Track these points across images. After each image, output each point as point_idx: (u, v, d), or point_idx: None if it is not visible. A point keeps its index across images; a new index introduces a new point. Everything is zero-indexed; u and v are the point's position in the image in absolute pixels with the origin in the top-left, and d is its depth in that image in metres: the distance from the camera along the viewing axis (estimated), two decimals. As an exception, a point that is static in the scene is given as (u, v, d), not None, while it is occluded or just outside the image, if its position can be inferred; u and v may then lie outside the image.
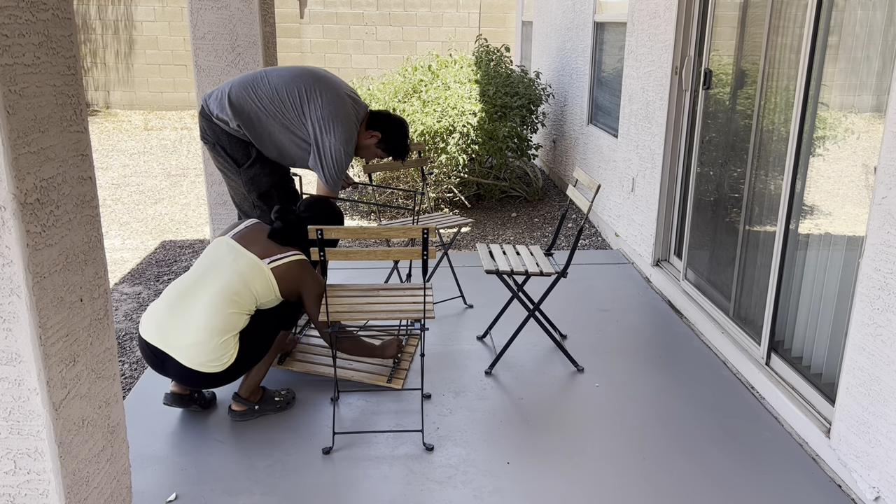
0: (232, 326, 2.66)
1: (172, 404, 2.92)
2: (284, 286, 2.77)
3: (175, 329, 2.64)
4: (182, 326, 2.64)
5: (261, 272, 2.72)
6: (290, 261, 2.79)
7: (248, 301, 2.70)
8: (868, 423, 2.40)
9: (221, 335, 2.64)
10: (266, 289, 2.73)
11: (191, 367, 2.63)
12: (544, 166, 8.28)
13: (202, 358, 2.63)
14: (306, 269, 2.83)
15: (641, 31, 4.69)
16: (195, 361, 2.62)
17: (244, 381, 2.92)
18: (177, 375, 2.67)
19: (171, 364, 2.66)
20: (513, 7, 12.61)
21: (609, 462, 2.67)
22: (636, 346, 3.63)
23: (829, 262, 2.79)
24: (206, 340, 2.61)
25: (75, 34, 1.77)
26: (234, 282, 2.68)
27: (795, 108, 2.93)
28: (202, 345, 2.61)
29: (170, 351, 2.64)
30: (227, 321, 2.64)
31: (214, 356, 2.64)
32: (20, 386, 1.65)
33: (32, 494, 1.75)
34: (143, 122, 11.61)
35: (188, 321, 2.63)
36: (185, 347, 2.62)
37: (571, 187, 3.58)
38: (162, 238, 5.74)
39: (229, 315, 2.65)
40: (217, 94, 3.21)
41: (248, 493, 2.49)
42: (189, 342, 2.62)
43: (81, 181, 1.81)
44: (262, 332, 2.77)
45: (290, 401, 3.02)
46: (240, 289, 2.68)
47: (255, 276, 2.71)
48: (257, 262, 2.73)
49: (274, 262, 2.76)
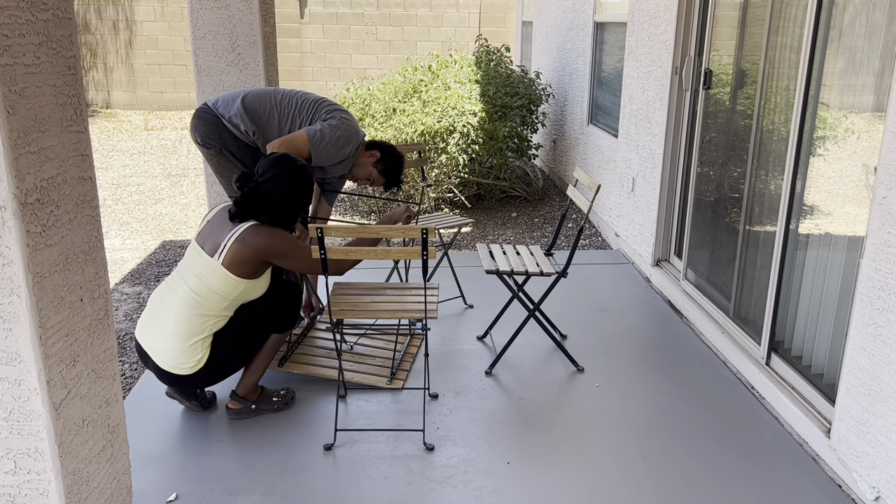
0: (198, 330, 2.65)
1: (174, 396, 2.94)
2: (242, 269, 2.62)
3: (153, 332, 2.70)
4: (158, 330, 2.68)
5: (214, 271, 2.62)
6: (234, 240, 2.61)
7: (215, 302, 2.65)
8: (868, 423, 2.40)
9: (188, 339, 2.65)
10: (227, 283, 2.62)
11: (165, 369, 2.69)
12: (544, 166, 8.28)
13: (174, 361, 2.67)
14: (258, 235, 2.61)
15: (641, 31, 4.69)
16: (168, 364, 2.68)
17: (241, 380, 2.92)
18: (158, 375, 2.73)
19: (151, 364, 2.73)
20: (513, 7, 12.61)
21: (609, 462, 2.67)
22: (636, 346, 3.63)
23: (830, 262, 2.79)
24: (173, 345, 2.65)
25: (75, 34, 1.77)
26: (195, 285, 2.65)
27: (795, 108, 2.93)
28: (172, 349, 2.66)
29: (150, 352, 2.71)
30: (191, 325, 2.64)
31: (183, 359, 2.67)
32: (20, 386, 1.65)
33: (32, 494, 1.75)
34: (144, 122, 11.61)
35: (163, 325, 2.68)
36: (160, 351, 2.68)
37: (571, 187, 3.58)
38: (162, 238, 5.74)
39: (194, 318, 2.64)
40: (225, 100, 3.20)
41: (248, 492, 2.49)
42: (162, 346, 2.67)
43: (81, 181, 1.81)
44: (245, 333, 2.76)
45: (289, 401, 3.02)
46: (201, 291, 2.64)
47: (211, 276, 2.63)
48: (209, 262, 2.63)
49: (221, 253, 2.62)
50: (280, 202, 2.68)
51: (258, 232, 2.62)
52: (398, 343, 3.56)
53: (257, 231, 2.63)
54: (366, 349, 3.48)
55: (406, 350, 3.49)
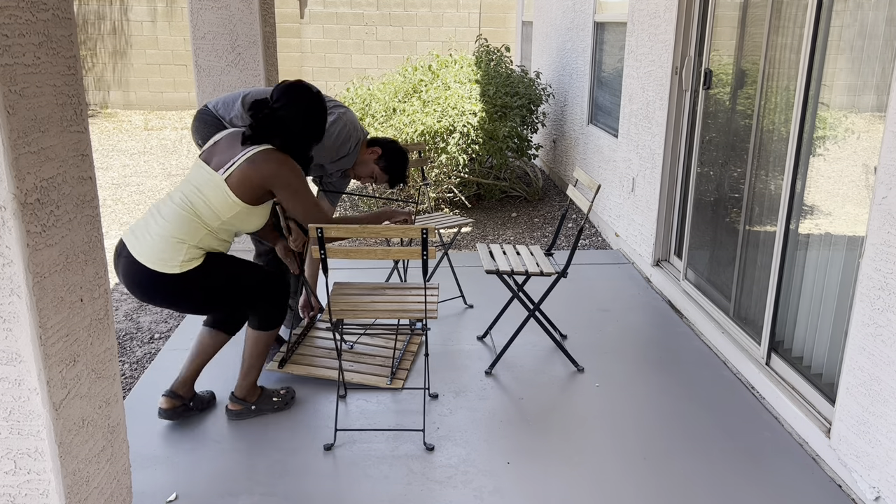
0: (187, 233, 2.54)
1: (165, 418, 2.85)
2: (244, 191, 2.56)
3: (139, 231, 2.58)
4: (145, 228, 2.57)
5: (215, 185, 2.56)
6: (244, 159, 2.56)
7: (208, 216, 2.57)
8: (868, 423, 2.40)
9: (175, 236, 2.53)
10: (225, 201, 2.56)
11: (142, 262, 2.52)
12: (544, 166, 8.28)
13: (155, 255, 2.52)
14: (269, 160, 2.56)
15: (641, 31, 4.69)
16: (147, 257, 2.52)
17: (238, 382, 2.90)
18: (125, 274, 2.56)
19: (122, 258, 2.56)
20: (513, 7, 12.61)
21: (609, 462, 2.67)
22: (636, 346, 3.63)
23: (830, 262, 2.79)
24: (158, 240, 2.53)
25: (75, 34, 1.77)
26: (191, 195, 2.57)
27: (795, 108, 2.93)
28: (156, 245, 2.53)
29: (131, 247, 2.55)
30: (181, 227, 2.54)
31: (166, 254, 2.52)
32: (20, 386, 1.65)
33: (33, 494, 1.75)
34: (144, 122, 11.61)
35: (150, 226, 2.57)
36: (143, 246, 2.54)
37: (571, 187, 3.58)
38: (162, 238, 5.73)
39: (185, 220, 2.54)
40: (225, 101, 3.19)
41: (248, 492, 2.49)
42: (146, 242, 2.54)
43: (81, 181, 1.81)
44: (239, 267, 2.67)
45: (290, 400, 3.01)
46: (196, 202, 2.56)
47: (210, 190, 2.56)
48: (212, 176, 2.56)
49: (228, 169, 2.56)
50: (295, 128, 2.63)
51: (270, 156, 2.57)
52: (398, 343, 3.56)
53: (269, 155, 2.57)
54: (366, 349, 3.48)
55: (406, 350, 3.49)
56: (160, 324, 4.07)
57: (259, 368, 2.89)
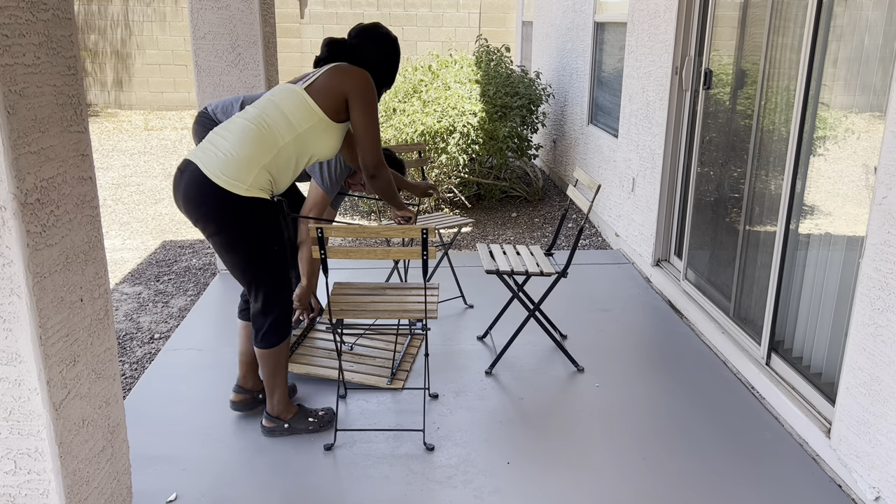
0: (259, 151, 2.47)
1: (236, 410, 2.92)
2: (324, 99, 2.54)
3: (205, 147, 2.51)
4: (210, 146, 2.50)
5: (293, 93, 2.55)
6: (328, 68, 2.58)
7: (283, 127, 2.51)
8: (868, 423, 2.40)
9: (246, 154, 2.46)
10: (302, 107, 2.52)
11: (205, 174, 2.43)
12: (544, 166, 8.28)
13: (223, 170, 2.44)
14: (352, 70, 2.57)
15: (641, 31, 4.69)
16: (214, 172, 2.44)
17: (268, 401, 2.78)
18: (188, 189, 2.46)
19: (187, 173, 2.47)
20: (513, 7, 12.61)
21: (609, 462, 2.67)
22: (636, 346, 3.63)
23: (830, 262, 2.79)
24: (230, 158, 2.45)
25: (75, 34, 1.77)
26: (265, 107, 2.53)
27: (795, 108, 2.94)
28: (228, 160, 2.45)
29: (195, 160, 2.47)
30: (251, 141, 2.47)
31: (237, 172, 2.44)
32: (20, 386, 1.65)
33: (33, 494, 1.75)
34: (144, 122, 11.61)
35: (218, 141, 2.50)
36: (207, 155, 2.47)
37: (571, 187, 3.58)
38: (162, 238, 5.74)
39: (257, 136, 2.47)
40: (224, 106, 3.18)
41: (248, 492, 2.49)
42: (217, 157, 2.47)
43: (81, 181, 1.81)
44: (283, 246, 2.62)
45: (326, 423, 2.84)
46: (271, 112, 2.52)
47: (287, 98, 2.54)
48: (290, 87, 2.57)
49: (307, 81, 2.58)
50: (371, 62, 2.67)
51: (354, 68, 2.59)
52: (398, 343, 3.56)
53: (353, 67, 2.59)
54: (366, 349, 3.48)
55: (406, 350, 3.49)
56: (160, 324, 4.07)
57: (281, 385, 2.75)
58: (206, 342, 3.62)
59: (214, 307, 4.05)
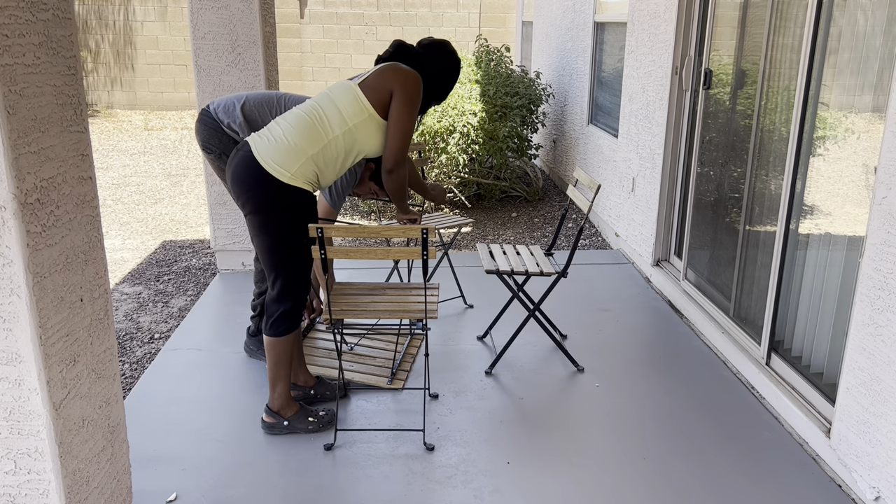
0: (309, 141, 2.60)
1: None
2: (373, 94, 2.64)
3: (264, 133, 2.65)
4: (268, 132, 2.64)
5: (348, 88, 2.66)
6: (381, 66, 2.69)
7: (335, 119, 2.62)
8: (868, 423, 2.40)
9: (297, 142, 2.59)
10: (354, 102, 2.63)
11: (256, 157, 2.57)
12: (544, 166, 8.28)
13: (271, 155, 2.57)
14: (402, 68, 2.68)
15: (641, 31, 4.69)
16: (263, 155, 2.58)
17: (270, 393, 2.81)
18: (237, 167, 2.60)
19: (241, 153, 2.61)
20: (513, 7, 12.61)
21: (609, 462, 2.67)
22: (636, 346, 3.63)
23: (830, 262, 2.79)
24: (280, 144, 2.58)
25: (75, 34, 1.77)
26: (320, 100, 2.67)
27: (795, 108, 2.93)
28: (277, 146, 2.58)
29: (251, 142, 2.62)
30: (302, 131, 2.59)
31: (283, 159, 2.57)
32: (20, 386, 1.65)
33: (33, 494, 1.75)
34: (144, 122, 11.61)
35: (274, 128, 2.64)
36: (262, 140, 2.61)
37: (571, 187, 3.58)
38: (162, 238, 5.74)
39: (310, 126, 2.60)
40: (225, 105, 3.17)
41: (248, 492, 2.49)
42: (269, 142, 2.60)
43: (81, 181, 1.81)
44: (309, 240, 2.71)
45: (326, 424, 2.86)
46: (325, 104, 2.65)
47: (341, 93, 2.65)
48: (344, 83, 2.69)
49: (362, 77, 2.69)
50: (429, 73, 2.77)
51: (405, 68, 2.69)
52: (398, 343, 3.56)
53: (405, 67, 2.69)
54: (366, 349, 3.48)
55: (406, 350, 3.49)
56: (160, 324, 4.07)
57: (285, 377, 2.77)
58: (206, 342, 3.62)
59: (214, 307, 4.05)
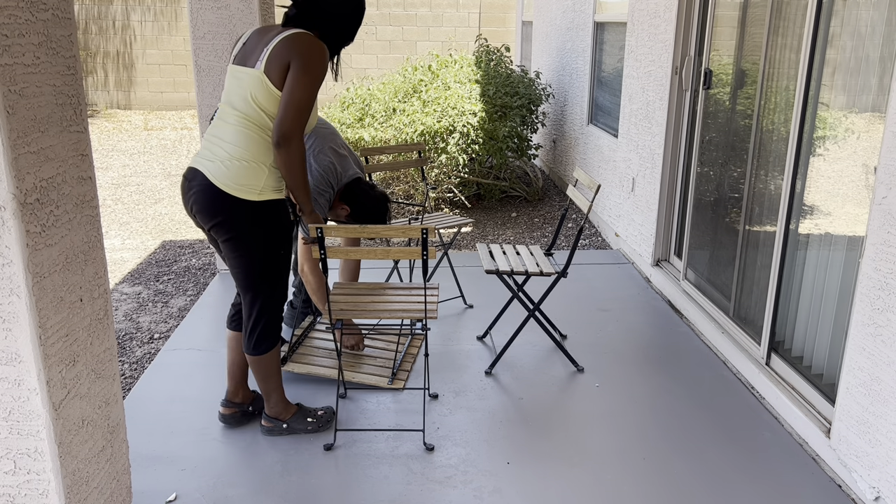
0: (259, 153, 2.44)
1: (224, 423, 2.86)
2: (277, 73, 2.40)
3: (207, 156, 2.48)
4: (211, 155, 2.47)
5: (257, 81, 2.42)
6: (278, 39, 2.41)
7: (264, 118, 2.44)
8: (868, 423, 2.40)
9: (249, 159, 2.43)
10: (269, 96, 2.43)
11: (218, 186, 2.42)
12: (544, 166, 8.28)
13: (233, 179, 2.42)
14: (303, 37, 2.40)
15: (641, 31, 4.69)
16: (224, 181, 2.42)
17: (265, 404, 2.79)
18: (200, 201, 2.45)
19: (196, 183, 2.45)
20: (513, 7, 12.61)
21: (609, 462, 2.67)
22: (636, 346, 3.63)
23: (830, 262, 2.79)
24: (235, 166, 2.42)
25: (75, 34, 1.77)
26: (242, 107, 2.45)
27: (795, 108, 2.93)
28: (235, 169, 2.42)
29: (203, 169, 2.45)
30: (248, 146, 2.43)
31: (246, 180, 2.42)
32: (20, 386, 1.65)
33: (32, 494, 1.75)
34: (143, 122, 11.61)
35: (218, 151, 2.46)
36: (214, 163, 2.44)
37: (571, 187, 3.58)
38: (162, 238, 5.74)
39: (252, 139, 2.43)
40: None
41: (247, 492, 2.49)
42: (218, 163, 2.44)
43: (81, 181, 1.81)
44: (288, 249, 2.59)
45: (325, 423, 2.85)
46: (249, 112, 2.44)
47: (255, 89, 2.42)
48: (250, 73, 2.43)
49: (262, 60, 2.42)
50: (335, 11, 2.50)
51: (302, 37, 2.41)
52: (399, 343, 3.56)
53: (301, 36, 2.42)
54: (366, 349, 3.48)
55: (406, 350, 3.49)
56: (160, 324, 4.07)
57: (276, 387, 2.75)
58: (205, 342, 3.62)
59: (214, 307, 4.05)
